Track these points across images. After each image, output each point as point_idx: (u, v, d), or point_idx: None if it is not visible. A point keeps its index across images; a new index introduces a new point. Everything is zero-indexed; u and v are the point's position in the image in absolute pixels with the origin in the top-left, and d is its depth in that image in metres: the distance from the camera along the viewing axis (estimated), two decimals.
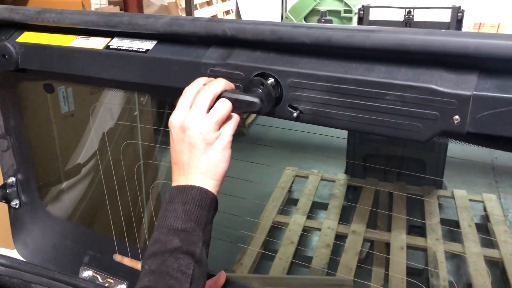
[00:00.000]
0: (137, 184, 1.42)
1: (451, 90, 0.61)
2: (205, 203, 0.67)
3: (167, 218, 0.66)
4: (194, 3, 4.33)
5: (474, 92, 0.60)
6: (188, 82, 0.78)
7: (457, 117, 0.61)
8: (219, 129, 0.69)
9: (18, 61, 0.94)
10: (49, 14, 0.90)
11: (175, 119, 0.69)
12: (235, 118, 0.71)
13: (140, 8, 3.54)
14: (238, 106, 0.70)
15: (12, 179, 1.12)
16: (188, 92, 0.70)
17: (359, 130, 0.68)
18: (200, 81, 0.72)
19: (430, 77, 0.63)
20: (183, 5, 3.74)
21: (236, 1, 6.03)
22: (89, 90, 1.78)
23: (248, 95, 0.70)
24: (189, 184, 0.67)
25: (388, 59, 0.66)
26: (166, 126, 0.73)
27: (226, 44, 0.77)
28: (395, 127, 0.66)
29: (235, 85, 0.75)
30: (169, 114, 0.71)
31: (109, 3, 4.87)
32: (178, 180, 0.70)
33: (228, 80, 0.76)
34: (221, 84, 0.71)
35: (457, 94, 0.61)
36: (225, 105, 0.69)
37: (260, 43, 0.73)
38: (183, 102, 0.70)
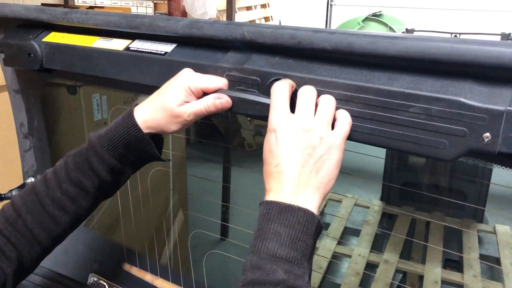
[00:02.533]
0: (160, 196, 1.40)
1: (482, 104, 0.55)
2: (311, 229, 0.58)
3: (268, 240, 0.57)
4: (236, 21, 4.37)
5: (508, 108, 0.54)
6: None
7: (487, 134, 0.55)
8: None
9: (43, 61, 0.94)
10: (74, 14, 0.90)
11: (287, 119, 0.61)
12: (347, 119, 0.63)
13: None
14: (259, 110, 0.67)
15: (31, 179, 1.12)
16: (284, 89, 0.64)
17: (378, 144, 0.63)
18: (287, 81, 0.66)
19: (459, 89, 0.57)
20: None
21: (280, 22, 6.07)
22: (123, 98, 1.79)
23: (269, 98, 0.66)
24: (295, 205, 0.58)
25: (414, 68, 0.61)
26: (200, 137, 0.69)
27: (245, 49, 0.74)
28: (418, 142, 0.60)
29: (251, 91, 0.71)
30: (205, 128, 0.66)
31: None
32: (280, 192, 0.60)
33: (244, 86, 0.72)
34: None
35: (488, 109, 0.55)
36: (331, 102, 0.63)
37: (279, 48, 0.70)
38: (284, 100, 0.63)
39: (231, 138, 3.97)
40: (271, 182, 0.61)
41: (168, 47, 0.82)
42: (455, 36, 3.40)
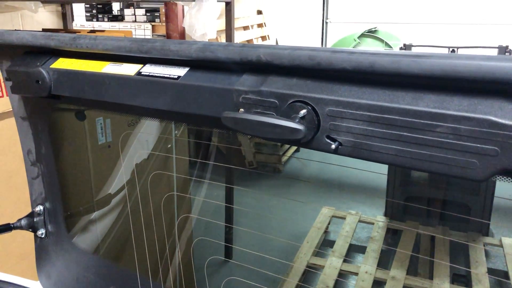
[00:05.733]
0: (165, 219, 1.37)
1: None
2: None
3: None
4: (235, 41, 4.38)
5: None
6: (219, 110, 0.73)
7: None
8: None
9: (51, 87, 0.93)
10: (83, 40, 0.89)
11: None
12: None
13: None
14: (280, 133, 0.65)
15: (40, 208, 1.09)
16: None
17: (406, 166, 0.61)
18: None
19: (488, 107, 0.56)
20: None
21: (276, 41, 6.10)
22: (127, 121, 1.77)
23: (290, 121, 0.65)
24: None
25: (439, 87, 0.59)
26: (203, 158, 0.67)
27: (260, 71, 0.73)
28: (447, 163, 0.58)
29: (268, 113, 0.69)
30: (207, 149, 0.64)
31: None
32: None
33: (261, 108, 0.70)
34: None
35: None
36: None
37: (296, 69, 0.68)
38: None
39: (232, 157, 3.95)
40: None
41: (180, 71, 0.81)
42: (453, 50, 3.41)
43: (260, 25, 5.50)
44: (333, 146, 0.65)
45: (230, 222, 2.77)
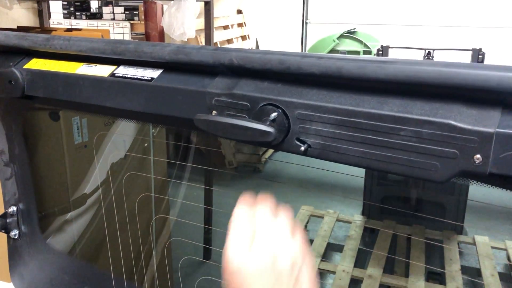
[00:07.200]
0: (141, 219, 1.37)
1: (471, 127, 0.56)
2: None
3: None
4: (215, 41, 4.38)
5: (497, 130, 0.54)
6: (193, 112, 0.74)
7: (478, 156, 0.56)
8: None
9: (24, 88, 0.92)
10: (57, 41, 0.89)
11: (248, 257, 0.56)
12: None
13: None
14: (250, 136, 0.66)
15: (13, 208, 1.09)
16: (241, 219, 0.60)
17: (371, 168, 0.63)
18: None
19: (448, 112, 0.58)
20: (203, 43, 3.79)
21: (256, 41, 6.12)
22: (104, 121, 1.77)
23: (261, 124, 0.66)
24: None
25: (403, 92, 0.62)
26: (181, 157, 0.67)
27: (232, 74, 0.74)
28: (410, 165, 0.60)
29: (241, 116, 0.71)
30: (186, 148, 0.65)
31: (132, 38, 4.98)
32: None
33: (234, 111, 0.72)
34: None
35: (478, 131, 0.55)
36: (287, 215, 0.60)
37: (267, 73, 0.70)
38: (240, 231, 0.58)
39: (211, 156, 3.95)
40: None
41: (154, 73, 0.82)
42: (429, 52, 3.48)
43: (240, 25, 5.51)
44: (303, 148, 0.67)
45: (209, 222, 2.77)
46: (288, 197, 3.62)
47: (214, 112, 0.74)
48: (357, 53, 5.48)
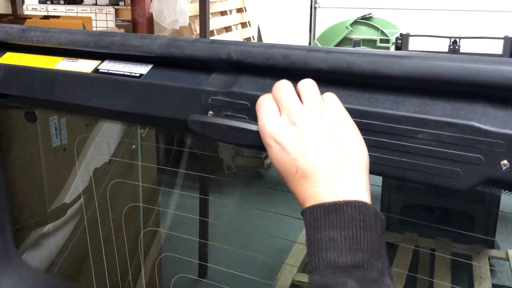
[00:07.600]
0: (128, 232, 1.39)
1: (498, 129, 0.57)
2: (369, 222, 0.55)
3: (323, 252, 0.54)
4: (211, 29, 4.40)
5: None
6: (186, 113, 0.76)
7: (505, 162, 0.57)
8: None
9: None
10: (34, 32, 0.91)
11: (299, 107, 0.62)
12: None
13: (150, 33, 3.61)
14: (251, 139, 0.68)
15: None
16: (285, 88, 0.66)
17: (386, 175, 0.64)
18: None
19: (472, 113, 0.59)
20: (198, 31, 3.81)
21: (258, 28, 6.13)
22: (85, 121, 1.78)
23: None
24: (340, 200, 0.56)
25: (421, 90, 0.63)
26: (174, 160, 0.68)
27: (231, 70, 0.76)
28: (429, 172, 0.62)
29: (240, 117, 0.72)
30: (177, 152, 0.66)
31: (117, 26, 5.01)
32: (318, 192, 0.57)
33: (232, 111, 0.73)
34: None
35: (505, 134, 0.57)
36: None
37: (270, 68, 0.71)
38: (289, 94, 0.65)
39: (208, 160, 3.96)
40: (303, 189, 0.60)
41: (143, 69, 0.83)
42: (455, 40, 3.49)
43: (239, 10, 5.53)
44: None
45: (204, 235, 2.78)
46: (294, 207, 3.63)
47: (210, 112, 0.75)
48: (373, 42, 5.49)
